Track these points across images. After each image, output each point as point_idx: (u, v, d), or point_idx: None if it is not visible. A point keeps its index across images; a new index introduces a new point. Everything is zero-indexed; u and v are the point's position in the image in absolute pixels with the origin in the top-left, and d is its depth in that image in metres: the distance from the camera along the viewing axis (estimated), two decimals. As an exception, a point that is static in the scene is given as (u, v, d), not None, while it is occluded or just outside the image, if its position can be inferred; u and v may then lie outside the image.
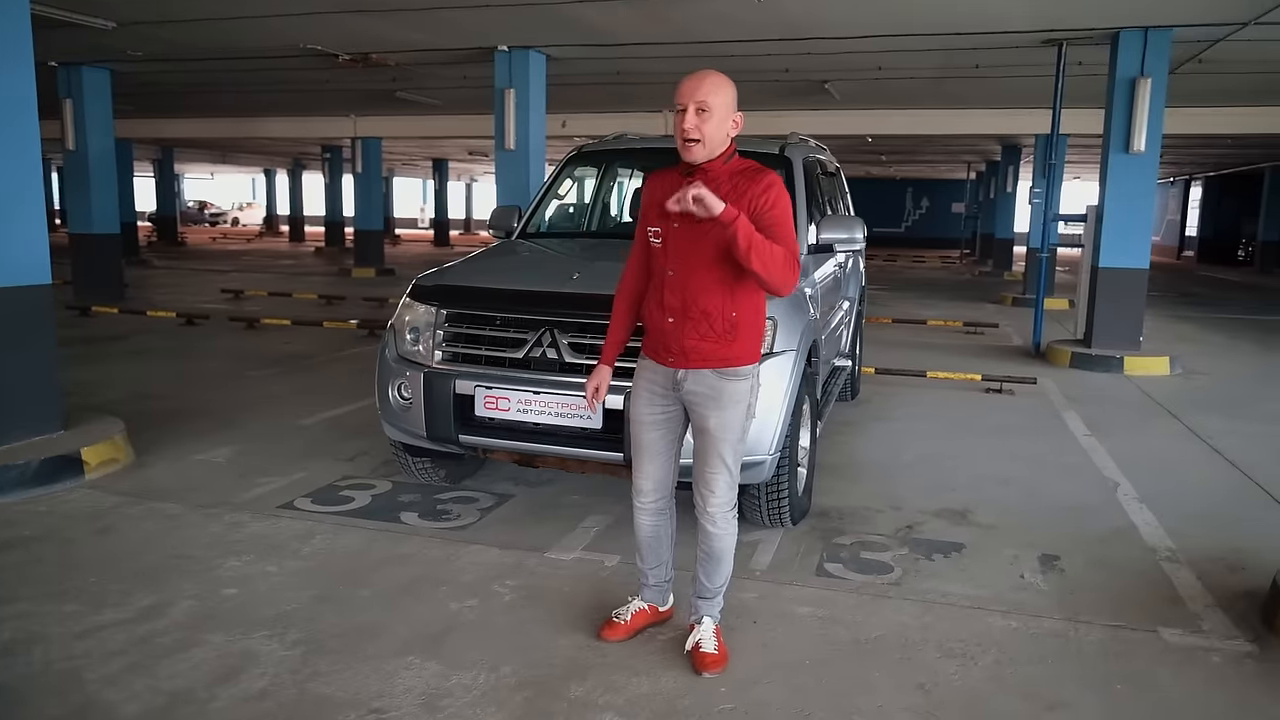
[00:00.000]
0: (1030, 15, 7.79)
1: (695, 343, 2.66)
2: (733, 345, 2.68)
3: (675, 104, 2.61)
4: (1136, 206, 8.32)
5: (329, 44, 10.09)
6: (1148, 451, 5.54)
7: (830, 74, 11.07)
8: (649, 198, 2.80)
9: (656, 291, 2.74)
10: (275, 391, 6.89)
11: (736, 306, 2.66)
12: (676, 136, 2.65)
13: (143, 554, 3.67)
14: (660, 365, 2.76)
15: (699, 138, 2.59)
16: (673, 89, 2.65)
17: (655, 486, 2.90)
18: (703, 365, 2.69)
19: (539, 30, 9.11)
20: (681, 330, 2.67)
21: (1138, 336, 8.50)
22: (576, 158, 5.43)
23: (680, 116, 2.60)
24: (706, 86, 2.58)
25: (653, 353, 2.79)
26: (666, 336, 2.70)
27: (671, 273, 2.67)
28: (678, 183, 2.67)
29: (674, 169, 2.79)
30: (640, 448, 2.87)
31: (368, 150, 18.92)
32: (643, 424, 2.83)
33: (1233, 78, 10.21)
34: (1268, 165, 22.95)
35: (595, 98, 13.78)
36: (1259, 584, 3.51)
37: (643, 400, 2.82)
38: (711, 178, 2.62)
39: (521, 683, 2.75)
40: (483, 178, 46.37)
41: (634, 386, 2.87)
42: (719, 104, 2.59)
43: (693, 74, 2.62)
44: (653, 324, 2.76)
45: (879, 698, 2.70)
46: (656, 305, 2.73)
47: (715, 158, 2.64)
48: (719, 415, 2.70)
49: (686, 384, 2.72)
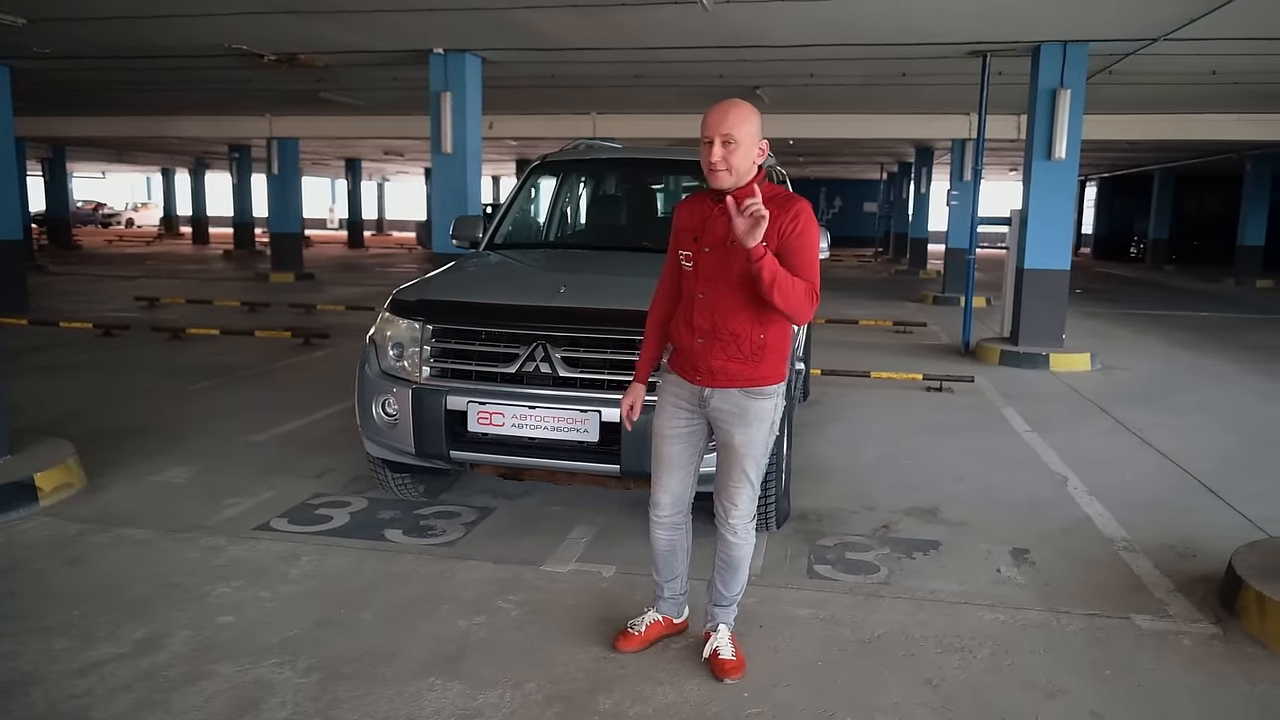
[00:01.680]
0: (960, 29, 8.14)
1: (723, 363, 2.71)
2: (760, 366, 2.73)
3: (702, 135, 2.63)
4: (1058, 210, 8.79)
5: (256, 44, 9.79)
6: (1086, 445, 5.88)
7: (763, 80, 11.30)
8: (681, 222, 2.83)
9: (686, 313, 2.78)
10: (218, 406, 6.66)
11: (764, 329, 2.71)
12: (704, 166, 2.65)
13: (124, 584, 3.54)
14: (687, 381, 2.81)
15: (726, 169, 2.62)
16: (605, 91, 2.72)
17: (673, 500, 2.93)
18: (729, 385, 2.73)
19: (478, 34, 9.05)
20: (710, 351, 2.71)
21: (1061, 334, 8.99)
22: (541, 167, 5.44)
23: (707, 149, 2.61)
24: (732, 119, 2.59)
25: (680, 369, 2.83)
26: (695, 356, 2.75)
27: (701, 295, 2.72)
28: (707, 208, 2.73)
29: (703, 193, 2.81)
30: (660, 461, 2.90)
31: (284, 151, 18.36)
32: (665, 437, 2.87)
33: (1137, 88, 10.87)
34: (1157, 167, 24.42)
35: (524, 100, 13.72)
36: (1211, 569, 3.80)
37: (667, 414, 2.86)
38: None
39: (549, 698, 2.78)
40: (395, 178, 45.44)
41: (659, 400, 2.90)
42: (745, 135, 2.60)
43: (718, 105, 2.63)
44: (681, 343, 2.81)
45: (893, 694, 2.83)
46: (686, 326, 2.78)
47: (744, 185, 2.65)
48: (744, 432, 2.75)
49: (713, 401, 2.77)
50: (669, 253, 2.90)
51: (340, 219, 48.06)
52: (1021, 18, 7.72)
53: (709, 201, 2.75)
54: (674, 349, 2.87)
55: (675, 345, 2.85)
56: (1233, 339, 11.15)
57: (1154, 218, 25.70)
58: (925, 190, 20.98)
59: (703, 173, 2.70)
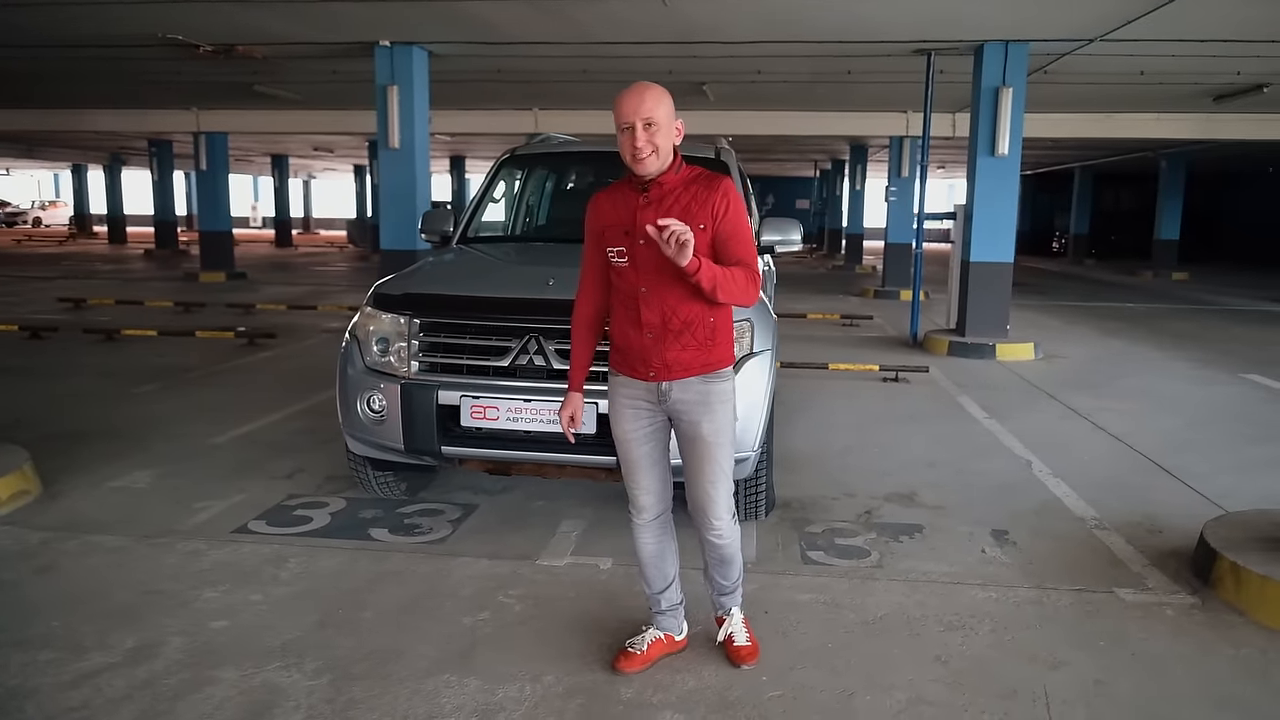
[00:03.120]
0: (908, 27, 8.34)
1: (677, 354, 2.63)
2: (713, 350, 2.67)
3: (619, 122, 2.53)
4: (1001, 205, 9.08)
5: (192, 34, 9.45)
6: (1043, 430, 6.10)
7: (711, 76, 11.39)
8: (602, 219, 2.70)
9: (629, 310, 2.66)
10: (169, 409, 6.42)
11: (713, 313, 2.66)
12: (625, 154, 2.55)
13: (103, 592, 3.39)
14: (639, 380, 2.70)
15: (652, 152, 2.53)
16: (550, 86, 2.66)
17: (656, 500, 2.84)
18: (686, 375, 2.65)
19: (427, 26, 8.91)
20: (662, 344, 2.63)
21: (1005, 325, 9.29)
22: (510, 160, 5.39)
23: (628, 135, 2.51)
24: (649, 101, 2.51)
25: (628, 369, 2.72)
26: (647, 352, 2.65)
27: (645, 289, 2.61)
28: (631, 198, 2.63)
29: (621, 184, 2.71)
30: (632, 464, 2.79)
31: (213, 146, 17.75)
32: (631, 441, 2.76)
33: (1069, 88, 11.29)
34: (1077, 165, 25.40)
35: (463, 95, 13.54)
36: (1179, 544, 3.99)
37: (627, 418, 2.75)
38: (668, 189, 2.60)
39: (569, 690, 2.76)
40: (322, 175, 44.31)
41: (612, 406, 2.79)
42: (663, 115, 2.53)
43: (629, 90, 2.55)
44: (628, 342, 2.69)
45: (906, 672, 2.89)
46: (631, 324, 2.66)
47: (667, 169, 2.59)
48: (711, 419, 2.68)
49: (673, 394, 2.67)
50: (587, 249, 2.79)
51: (264, 217, 46.81)
52: (967, 18, 7.95)
53: (630, 192, 2.65)
54: (617, 349, 2.75)
55: (619, 345, 2.73)
56: (1158, 328, 11.68)
57: (1074, 213, 26.73)
58: (860, 187, 21.43)
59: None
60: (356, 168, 34.32)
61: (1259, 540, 3.59)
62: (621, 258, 2.65)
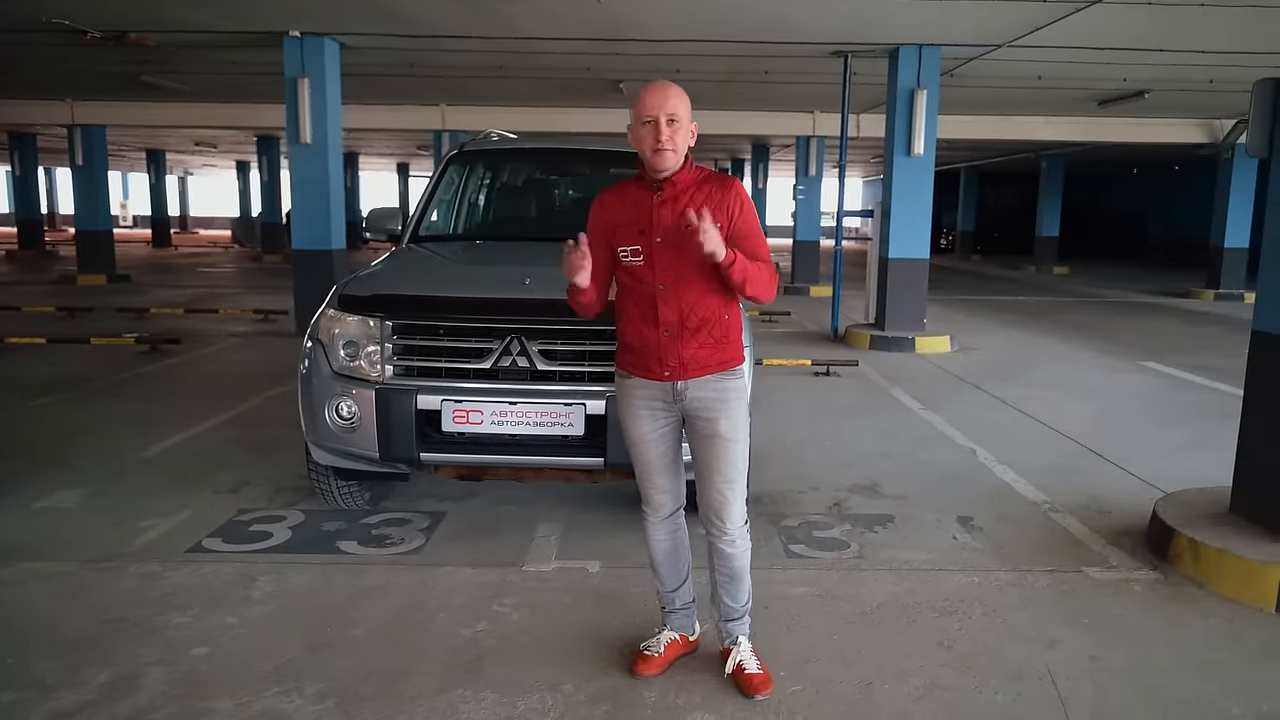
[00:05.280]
0: (828, 29, 8.54)
1: (694, 352, 2.62)
2: (727, 348, 2.67)
3: (641, 115, 2.54)
4: (918, 203, 9.41)
5: (81, 19, 8.80)
6: (977, 419, 6.35)
7: (629, 74, 11.37)
8: (611, 217, 2.66)
9: (643, 309, 2.63)
10: (78, 422, 5.98)
11: (728, 310, 2.67)
12: (645, 147, 2.55)
13: (56, 623, 3.12)
14: (653, 380, 2.67)
15: (673, 148, 2.54)
16: (462, 82, 2.59)
17: (672, 499, 2.82)
18: (703, 373, 2.64)
19: (341, 16, 8.57)
20: (679, 342, 2.61)
21: (922, 319, 9.64)
22: (458, 157, 5.24)
23: (649, 128, 2.52)
24: (674, 98, 2.55)
25: (641, 369, 2.68)
26: (663, 351, 2.62)
27: (662, 287, 2.59)
28: (643, 197, 2.61)
29: (628, 183, 2.70)
30: (648, 465, 2.77)
31: (89, 139, 16.61)
32: (647, 442, 2.74)
33: (971, 91, 11.80)
34: (963, 165, 26.63)
35: (368, 89, 13.11)
36: (1128, 523, 4.23)
37: (643, 418, 2.72)
38: (681, 188, 2.60)
39: (591, 697, 2.70)
40: (201, 171, 42.13)
41: (625, 408, 2.74)
42: (685, 114, 2.56)
43: (653, 86, 2.57)
44: (642, 341, 2.65)
45: (915, 658, 2.95)
46: (647, 323, 2.63)
47: (680, 168, 2.60)
48: (728, 416, 2.67)
49: (689, 393, 2.65)
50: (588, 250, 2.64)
51: (135, 216, 44.09)
52: (885, 21, 8.19)
53: (642, 191, 2.63)
54: (630, 349, 2.70)
55: (632, 344, 2.69)
56: (1055, 319, 12.36)
57: (961, 211, 28.02)
58: (762, 186, 21.83)
59: (639, 160, 2.62)
60: (239, 164, 32.79)
61: (1207, 517, 3.84)
62: (636, 256, 2.61)
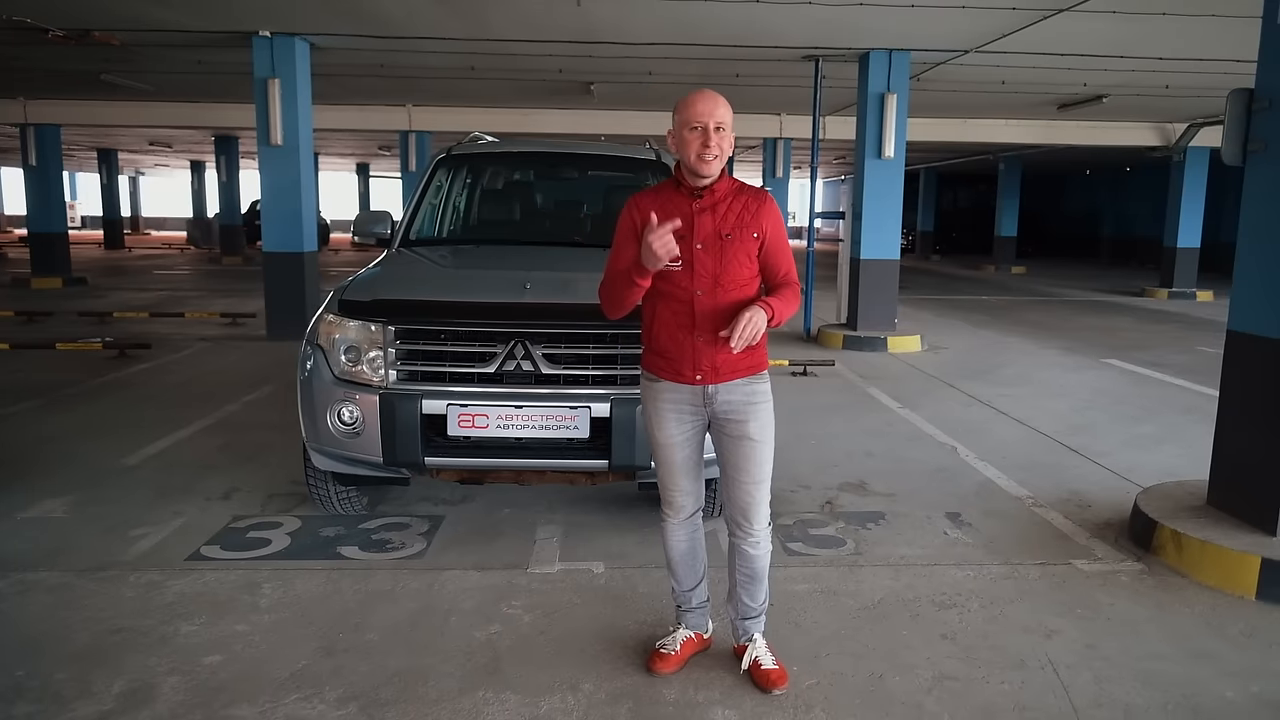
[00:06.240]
0: (801, 33, 8.65)
1: (726, 356, 2.66)
2: (757, 352, 2.73)
3: (689, 121, 2.56)
4: (888, 205, 9.58)
5: (45, 16, 8.61)
6: (954, 417, 6.50)
7: (601, 76, 11.41)
8: (648, 221, 2.58)
9: (679, 314, 2.66)
10: (55, 430, 5.87)
11: None
12: (690, 153, 2.59)
13: (61, 634, 3.08)
14: (683, 384, 2.70)
15: (718, 155, 2.59)
16: (431, 83, 2.59)
17: (694, 500, 2.88)
18: (734, 377, 2.69)
19: (313, 16, 8.48)
20: (713, 347, 2.65)
21: (894, 318, 9.82)
22: (446, 160, 5.24)
23: (697, 135, 2.56)
24: (722, 107, 2.59)
25: (671, 373, 2.71)
26: (697, 355, 2.66)
27: (700, 292, 2.63)
28: (682, 203, 2.65)
29: (664, 187, 2.74)
30: (673, 467, 2.81)
31: (43, 139, 16.21)
32: (673, 445, 2.77)
33: (937, 94, 12.03)
34: (923, 166, 27.07)
35: (336, 89, 12.99)
36: (1109, 516, 4.38)
37: (670, 422, 2.75)
38: (719, 196, 2.65)
39: (612, 696, 2.75)
40: (152, 171, 41.23)
41: (652, 411, 2.78)
42: (730, 122, 2.61)
43: (702, 94, 2.60)
44: (676, 345, 2.69)
45: (921, 650, 3.05)
46: (682, 328, 2.67)
47: (719, 176, 2.66)
48: (758, 419, 2.71)
49: (720, 396, 2.70)
50: (620, 248, 2.72)
51: (83, 217, 43.00)
52: (858, 26, 8.33)
53: (679, 196, 2.67)
54: (659, 352, 2.74)
55: (664, 348, 2.72)
56: (1018, 318, 12.65)
57: (921, 212, 28.48)
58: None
59: (677, 166, 2.67)
60: (194, 163, 32.16)
61: (1187, 510, 4.00)
62: (675, 262, 2.62)
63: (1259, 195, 3.80)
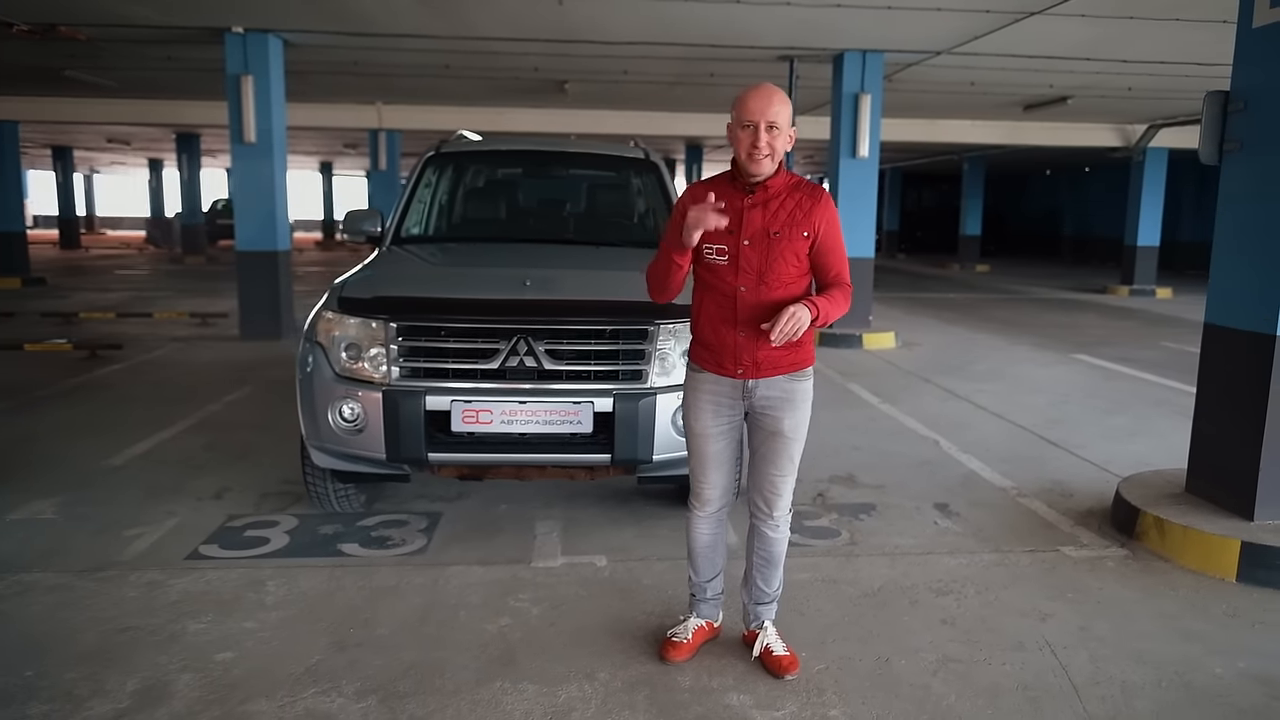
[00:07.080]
0: (778, 34, 8.74)
1: (768, 352, 2.69)
2: (800, 350, 2.74)
3: (742, 119, 2.60)
4: (862, 203, 9.72)
5: (8, 10, 8.43)
6: (934, 412, 6.64)
7: (576, 75, 11.42)
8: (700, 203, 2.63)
9: (722, 308, 2.71)
10: (33, 431, 5.77)
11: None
12: (741, 151, 2.65)
13: (67, 635, 3.05)
14: (725, 377, 2.75)
15: (770, 154, 2.64)
16: (404, 81, 2.60)
17: (721, 495, 2.92)
18: (775, 373, 2.72)
19: (288, 13, 8.40)
20: (756, 343, 2.68)
21: (869, 316, 9.97)
22: (435, 158, 5.24)
23: (749, 133, 2.59)
24: (776, 104, 2.60)
25: (715, 366, 2.76)
26: (738, 350, 2.71)
27: (744, 288, 2.67)
28: (735, 197, 2.69)
29: (720, 180, 2.76)
30: (705, 460, 2.85)
31: (1, 136, 15.85)
32: (709, 436, 2.82)
33: (907, 95, 12.21)
34: (888, 166, 27.41)
35: (305, 86, 12.83)
36: (1091, 505, 4.52)
37: (708, 413, 2.80)
38: (773, 193, 2.69)
39: (628, 684, 2.80)
40: (108, 169, 40.36)
41: (692, 401, 2.83)
42: (785, 120, 2.61)
43: (757, 90, 2.62)
44: (719, 338, 2.74)
45: (924, 635, 3.13)
46: (725, 322, 2.71)
47: (774, 173, 2.69)
48: (793, 417, 2.76)
49: (759, 391, 2.74)
50: (672, 234, 2.71)
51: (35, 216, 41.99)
52: (833, 27, 8.45)
53: (733, 191, 2.69)
54: (705, 345, 2.79)
55: (707, 341, 2.77)
56: (987, 315, 12.90)
57: (886, 211, 28.83)
58: (696, 186, 22.09)
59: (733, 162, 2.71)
60: (153, 162, 31.57)
61: (1167, 497, 4.14)
62: (721, 255, 2.67)
63: (1235, 194, 3.95)
